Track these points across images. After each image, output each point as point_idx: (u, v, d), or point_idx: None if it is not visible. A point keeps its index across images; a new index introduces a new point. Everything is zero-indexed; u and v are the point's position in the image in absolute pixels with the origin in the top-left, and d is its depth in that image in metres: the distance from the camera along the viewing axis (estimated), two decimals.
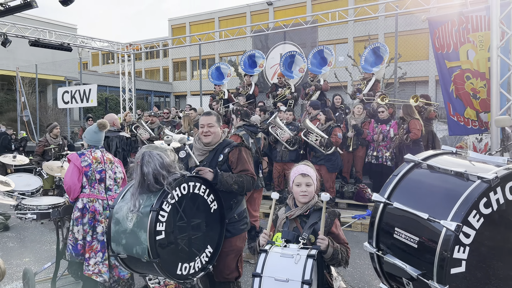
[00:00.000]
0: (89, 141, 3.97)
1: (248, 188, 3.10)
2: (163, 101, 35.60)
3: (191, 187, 2.78)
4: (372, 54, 9.45)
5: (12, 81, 20.56)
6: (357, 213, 7.25)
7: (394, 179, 2.22)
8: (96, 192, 3.77)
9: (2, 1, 8.87)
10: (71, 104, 14.34)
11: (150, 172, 2.59)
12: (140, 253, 2.53)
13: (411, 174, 2.20)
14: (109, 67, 39.55)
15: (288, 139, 7.34)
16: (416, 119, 6.85)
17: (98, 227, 3.72)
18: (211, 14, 32.37)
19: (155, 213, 2.51)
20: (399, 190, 2.16)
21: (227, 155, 3.11)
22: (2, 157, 7.01)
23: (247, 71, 11.15)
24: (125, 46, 15.09)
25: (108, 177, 3.86)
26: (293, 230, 2.57)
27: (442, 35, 5.63)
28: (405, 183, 2.18)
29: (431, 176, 2.12)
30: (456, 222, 1.79)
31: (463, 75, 5.51)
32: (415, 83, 21.70)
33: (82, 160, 3.75)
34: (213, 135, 3.13)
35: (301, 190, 2.59)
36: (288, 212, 2.64)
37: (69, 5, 7.81)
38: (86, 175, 3.73)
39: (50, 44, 12.46)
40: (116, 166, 3.98)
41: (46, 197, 5.01)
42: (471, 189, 1.86)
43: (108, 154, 4.01)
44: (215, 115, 3.22)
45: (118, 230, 2.66)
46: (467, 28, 5.31)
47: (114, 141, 5.99)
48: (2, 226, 6.79)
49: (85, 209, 3.71)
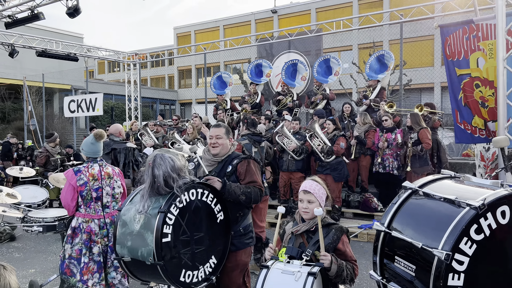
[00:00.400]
0: (86, 153, 3.84)
1: (255, 200, 3.10)
2: (168, 109, 35.74)
3: (199, 194, 2.78)
4: (376, 62, 9.45)
5: (19, 90, 20.76)
6: (364, 222, 7.19)
7: (393, 207, 2.28)
8: (92, 211, 3.68)
9: (10, 13, 8.99)
10: (77, 113, 14.44)
11: (161, 174, 2.61)
12: (145, 255, 2.52)
13: (408, 202, 2.25)
14: (115, 75, 39.85)
15: (294, 149, 7.32)
16: (425, 129, 6.84)
17: (94, 247, 3.64)
18: (216, 22, 32.56)
19: (163, 215, 2.51)
20: (398, 218, 2.22)
21: (235, 166, 3.12)
22: (9, 169, 7.05)
23: (254, 80, 11.17)
24: (131, 56, 15.21)
25: (106, 194, 3.75)
26: (299, 246, 2.54)
27: (453, 43, 5.62)
28: (403, 211, 2.23)
29: (426, 203, 2.16)
30: (445, 251, 1.81)
31: (473, 83, 5.48)
32: (420, 90, 21.63)
33: (78, 178, 3.64)
34: (221, 146, 3.16)
35: (303, 207, 2.58)
36: (294, 228, 2.62)
37: (76, 17, 7.89)
38: (81, 194, 3.62)
39: (56, 55, 12.60)
40: (115, 180, 3.85)
41: (52, 209, 5.02)
42: (460, 217, 1.87)
43: (108, 168, 3.86)
44: (224, 127, 3.25)
45: (124, 232, 2.65)
46: (477, 36, 5.29)
47: (122, 153, 5.99)
48: (8, 236, 6.81)
49: (78, 229, 3.63)
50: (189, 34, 34.13)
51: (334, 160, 6.99)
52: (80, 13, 7.98)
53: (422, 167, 6.88)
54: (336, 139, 7.00)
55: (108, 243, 3.69)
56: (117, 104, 26.14)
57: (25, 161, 14.42)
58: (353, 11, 25.92)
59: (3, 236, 6.64)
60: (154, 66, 37.77)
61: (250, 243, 3.20)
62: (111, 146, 6.00)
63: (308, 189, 2.58)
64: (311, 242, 2.50)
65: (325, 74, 10.14)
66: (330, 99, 9.65)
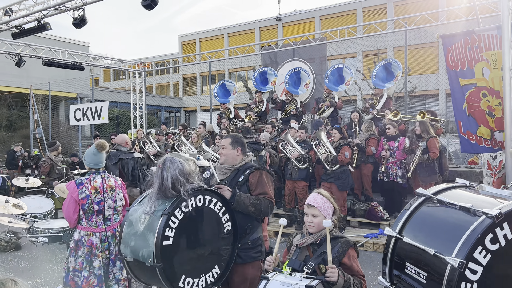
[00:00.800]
0: (89, 164, 3.82)
1: (265, 212, 3.08)
2: (173, 116, 35.87)
3: (206, 201, 2.77)
4: (383, 70, 9.42)
5: (26, 98, 20.93)
6: (369, 231, 7.14)
7: (405, 213, 2.24)
8: (94, 225, 3.66)
9: (17, 24, 9.09)
10: (83, 121, 14.53)
11: (169, 177, 2.63)
12: (145, 256, 2.52)
13: (422, 208, 2.22)
14: (120, 82, 40.13)
15: (297, 157, 7.31)
16: (434, 137, 6.83)
17: (95, 261, 3.62)
18: (221, 30, 32.75)
19: (166, 217, 2.52)
20: (410, 225, 2.19)
21: (247, 176, 3.12)
22: (15, 179, 7.08)
23: (259, 88, 11.20)
24: (136, 64, 15.33)
25: (107, 207, 3.72)
26: (304, 258, 2.52)
27: (456, 53, 5.60)
28: (416, 217, 2.20)
29: (440, 211, 2.14)
30: (459, 259, 1.78)
31: (479, 92, 5.45)
32: (425, 96, 21.55)
33: (80, 191, 3.61)
34: (225, 156, 3.21)
35: (308, 221, 2.57)
36: (300, 240, 2.60)
37: (82, 27, 7.97)
38: (83, 208, 3.60)
39: (63, 64, 12.72)
40: (117, 193, 3.82)
41: (58, 220, 5.03)
42: (475, 225, 1.85)
43: (110, 180, 3.82)
44: (231, 137, 3.29)
45: (129, 232, 2.68)
46: (479, 46, 5.27)
47: (129, 163, 6.04)
48: (14, 245, 6.82)
49: (81, 242, 3.63)
50: (194, 42, 34.34)
51: (338, 169, 6.97)
52: (86, 23, 8.07)
53: (430, 176, 6.84)
54: (341, 148, 6.98)
55: (109, 256, 3.68)
56: (122, 112, 26.29)
57: (31, 169, 14.52)
58: (357, 18, 25.98)
59: (8, 246, 6.66)
60: (159, 73, 37.99)
61: (258, 257, 3.14)
62: (119, 156, 6.06)
63: (312, 203, 2.57)
64: (315, 254, 2.48)
65: (337, 83, 10.12)
66: (337, 107, 9.63)
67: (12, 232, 6.62)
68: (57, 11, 8.53)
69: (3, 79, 21.31)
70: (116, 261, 3.71)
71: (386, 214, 7.45)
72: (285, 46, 12.06)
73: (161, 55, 35.88)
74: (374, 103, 9.09)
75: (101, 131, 22.59)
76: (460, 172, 8.93)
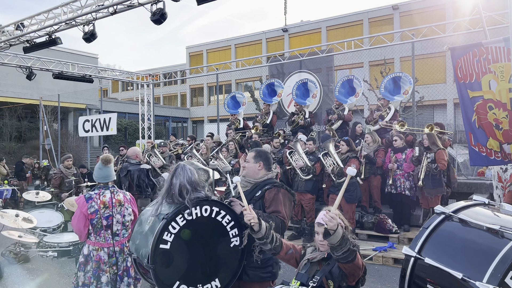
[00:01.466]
0: (96, 179, 3.85)
1: (276, 231, 3.03)
2: (180, 127, 36.06)
3: (213, 212, 2.78)
4: (391, 82, 9.37)
5: (36, 109, 21.21)
6: (378, 244, 7.07)
7: (424, 232, 2.12)
8: (102, 240, 3.67)
9: (28, 38, 9.26)
10: (91, 133, 14.67)
11: (177, 183, 2.71)
12: (143, 256, 2.61)
13: (443, 227, 2.11)
14: (128, 93, 40.50)
15: (301, 167, 7.30)
16: (442, 149, 6.81)
17: (102, 276, 3.62)
18: (228, 41, 33.00)
19: (165, 221, 2.58)
20: (430, 244, 2.07)
21: (264, 192, 3.07)
22: (26, 193, 7.15)
23: (265, 100, 11.23)
24: (145, 76, 15.50)
25: (116, 222, 3.72)
26: (315, 272, 2.51)
27: (464, 65, 5.59)
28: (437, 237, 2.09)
29: (463, 231, 2.03)
30: (492, 285, 1.69)
31: (486, 105, 5.43)
32: (433, 106, 21.48)
33: (89, 206, 3.62)
34: (247, 169, 3.23)
35: (319, 239, 2.57)
36: (310, 255, 2.60)
37: (92, 42, 8.10)
38: (92, 223, 3.61)
39: (72, 77, 12.90)
40: (126, 208, 3.83)
41: (67, 234, 5.06)
42: (508, 249, 1.76)
43: (119, 195, 3.83)
44: (255, 151, 3.29)
45: (138, 230, 2.80)
46: (487, 58, 5.27)
47: (135, 174, 6.14)
48: (23, 258, 6.85)
49: (89, 257, 3.64)
50: (201, 53, 34.63)
51: None
52: (96, 37, 8.20)
53: (435, 188, 6.80)
54: (349, 161, 6.95)
55: (117, 271, 3.68)
56: (130, 122, 26.50)
57: (40, 180, 14.67)
58: (364, 29, 26.05)
59: (17, 258, 6.69)
60: (166, 84, 38.31)
61: (267, 278, 3.05)
62: (127, 168, 6.21)
63: (321, 222, 2.52)
64: (323, 269, 2.47)
65: (347, 95, 10.05)
66: (346, 120, 9.60)
67: (21, 245, 6.66)
68: (67, 26, 8.69)
69: (14, 91, 21.64)
70: (123, 277, 3.72)
71: (395, 227, 7.38)
72: (292, 58, 12.12)
73: (169, 66, 36.26)
74: (383, 114, 9.03)
75: (109, 142, 22.76)
76: (470, 184, 8.83)
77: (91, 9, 8.15)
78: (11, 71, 14.03)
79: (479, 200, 2.20)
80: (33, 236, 4.45)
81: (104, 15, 8.23)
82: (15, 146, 22.20)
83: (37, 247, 4.27)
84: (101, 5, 7.96)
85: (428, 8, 23.42)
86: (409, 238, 7.21)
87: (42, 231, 5.45)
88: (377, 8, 26.12)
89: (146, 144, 11.41)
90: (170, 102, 39.52)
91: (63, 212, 6.94)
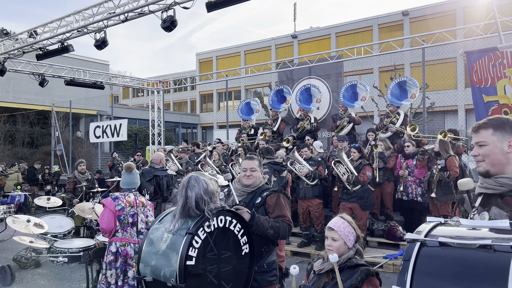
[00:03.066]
0: (122, 185, 4.12)
1: (283, 235, 3.04)
2: (190, 132, 36.22)
3: (227, 222, 2.73)
4: (397, 88, 9.36)
5: (48, 116, 21.48)
6: (389, 252, 6.99)
7: (408, 264, 1.83)
8: (129, 235, 3.85)
9: (41, 46, 9.41)
10: (102, 139, 14.83)
11: (193, 196, 2.60)
12: (167, 276, 2.46)
13: (424, 257, 1.83)
14: (139, 100, 40.87)
15: (307, 174, 7.27)
16: (453, 156, 6.72)
17: (129, 271, 3.77)
18: (237, 48, 33.15)
19: (191, 236, 2.47)
20: (420, 279, 1.79)
21: (265, 198, 3.12)
22: (37, 199, 7.24)
23: (273, 107, 11.26)
24: (155, 83, 15.63)
25: (140, 221, 3.94)
26: (323, 285, 2.46)
27: (480, 69, 5.55)
28: (423, 268, 1.81)
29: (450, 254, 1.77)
30: None
31: (501, 110, 5.38)
32: (444, 112, 21.25)
33: (116, 204, 3.86)
34: (255, 178, 3.22)
35: (327, 244, 2.52)
36: (318, 266, 2.54)
37: (103, 49, 8.20)
38: (119, 219, 3.83)
39: (84, 83, 13.06)
40: (148, 209, 4.07)
41: (78, 239, 5.10)
42: None
43: (141, 198, 4.10)
44: (257, 159, 3.32)
45: (150, 250, 2.63)
46: (502, 63, 5.23)
47: (164, 179, 6.28)
48: (34, 262, 6.91)
49: (118, 253, 3.77)
50: (211, 59, 34.83)
51: (360, 188, 6.88)
52: (108, 45, 8.29)
53: (446, 195, 6.71)
54: (362, 168, 6.90)
55: None
56: (141, 128, 26.69)
57: (51, 185, 14.83)
58: (373, 34, 25.96)
59: (28, 263, 6.75)
60: (176, 91, 38.58)
61: (274, 281, 3.12)
62: (153, 173, 6.31)
63: (333, 226, 2.51)
64: (332, 282, 2.40)
65: (351, 99, 10.11)
66: (356, 123, 9.58)
67: (32, 250, 6.72)
68: (79, 34, 8.81)
69: (27, 97, 21.97)
70: None
71: (406, 234, 7.28)
72: (301, 64, 12.13)
73: (179, 73, 36.50)
74: (394, 120, 8.97)
75: (119, 148, 22.95)
76: None
77: (103, 16, 8.26)
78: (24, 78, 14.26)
79: (435, 220, 2.01)
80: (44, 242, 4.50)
81: (115, 22, 8.33)
82: (27, 152, 22.50)
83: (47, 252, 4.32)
84: (113, 13, 8.06)
85: (438, 14, 23.29)
86: None
87: (53, 236, 5.50)
88: (387, 14, 26.02)
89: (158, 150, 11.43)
90: (180, 108, 39.75)
91: (74, 218, 7.01)
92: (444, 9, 23.20)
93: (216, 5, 7.04)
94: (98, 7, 8.34)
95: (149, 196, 6.49)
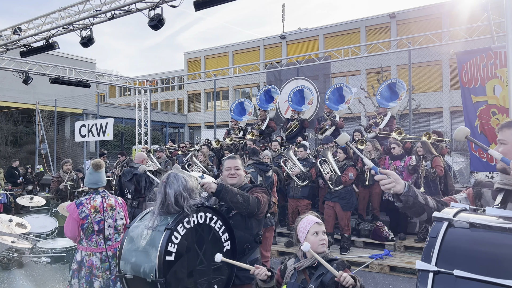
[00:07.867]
0: (87, 184, 3.85)
1: (252, 205, 2.97)
2: (177, 132, 36.00)
3: (207, 219, 2.75)
4: (387, 90, 9.45)
5: (32, 114, 21.12)
6: (374, 252, 7.05)
7: (435, 241, 1.77)
8: (94, 245, 3.65)
9: (25, 43, 9.23)
10: (87, 138, 14.60)
11: (172, 192, 2.60)
12: (147, 272, 2.48)
13: (453, 234, 1.79)
14: (125, 99, 40.44)
15: (297, 174, 7.29)
16: (437, 156, 6.85)
17: (95, 282, 3.60)
18: (226, 48, 33.07)
19: (169, 231, 2.49)
20: (447, 255, 1.74)
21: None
22: (20, 198, 7.10)
23: (261, 107, 11.27)
24: (142, 82, 15.49)
25: (108, 227, 3.72)
26: (301, 282, 2.48)
27: (470, 70, 5.62)
28: (452, 246, 1.77)
29: (480, 236, 1.73)
30: None
31: (489, 110, 5.45)
32: (429, 114, 21.55)
33: (79, 211, 3.63)
34: (239, 177, 3.24)
35: (320, 239, 2.54)
36: (297, 264, 2.56)
37: (89, 46, 8.08)
38: (83, 228, 3.61)
39: (69, 81, 12.87)
40: (118, 212, 3.83)
41: (61, 239, 5.00)
42: None
43: (110, 199, 3.84)
44: (240, 158, 3.35)
45: (130, 248, 2.64)
46: (495, 63, 5.30)
47: (143, 176, 6.19)
48: (16, 263, 6.78)
49: (82, 263, 3.62)
50: (199, 59, 34.68)
51: (342, 189, 6.94)
52: (94, 42, 8.18)
53: (432, 195, 6.79)
54: (346, 169, 6.95)
55: (110, 276, 3.65)
56: (127, 128, 26.42)
57: (33, 185, 14.51)
58: (361, 36, 26.18)
59: (11, 263, 6.61)
60: (164, 90, 38.32)
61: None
62: (133, 172, 6.30)
63: (320, 221, 2.59)
64: (313, 277, 2.43)
65: (337, 102, 10.18)
66: (338, 127, 9.65)
67: (14, 250, 6.59)
68: (65, 31, 8.67)
69: (10, 95, 21.55)
70: (116, 282, 3.69)
71: (391, 235, 7.36)
72: (290, 65, 12.16)
73: (166, 72, 36.24)
74: (378, 121, 9.08)
75: (106, 147, 22.67)
76: None
77: (89, 14, 8.14)
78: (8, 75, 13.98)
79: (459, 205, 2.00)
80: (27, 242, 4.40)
81: (101, 20, 8.21)
82: (10, 150, 22.07)
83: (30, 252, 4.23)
84: (99, 10, 7.96)
85: (424, 17, 23.58)
86: (405, 245, 7.19)
87: (36, 236, 5.39)
88: (374, 16, 26.27)
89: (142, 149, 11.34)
90: (167, 108, 39.47)
91: (58, 218, 6.89)
92: (430, 12, 23.52)
93: (204, 4, 7.00)
94: (84, 4, 8.21)
95: (130, 195, 6.45)
